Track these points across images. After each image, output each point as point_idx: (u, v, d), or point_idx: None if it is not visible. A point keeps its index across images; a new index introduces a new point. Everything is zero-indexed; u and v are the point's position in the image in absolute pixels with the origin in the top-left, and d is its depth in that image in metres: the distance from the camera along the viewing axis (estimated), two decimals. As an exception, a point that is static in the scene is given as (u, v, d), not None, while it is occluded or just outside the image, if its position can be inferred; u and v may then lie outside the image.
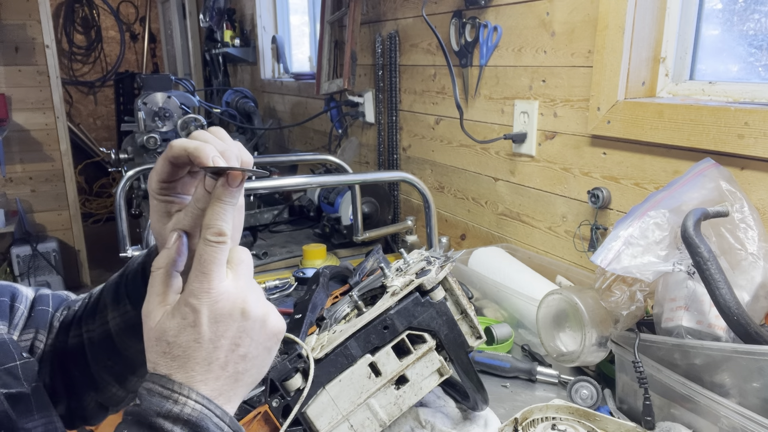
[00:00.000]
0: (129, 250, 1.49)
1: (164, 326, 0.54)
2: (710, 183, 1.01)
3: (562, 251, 1.53)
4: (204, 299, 0.53)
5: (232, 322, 0.54)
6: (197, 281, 0.53)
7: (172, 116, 2.69)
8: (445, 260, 0.92)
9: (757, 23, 1.20)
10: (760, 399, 0.83)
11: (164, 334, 0.53)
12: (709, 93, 1.23)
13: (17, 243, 4.24)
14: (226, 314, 0.54)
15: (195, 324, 0.53)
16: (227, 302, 0.54)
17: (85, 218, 5.86)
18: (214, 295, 0.53)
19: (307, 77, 3.15)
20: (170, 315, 0.54)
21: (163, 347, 0.54)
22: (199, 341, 0.53)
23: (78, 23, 6.58)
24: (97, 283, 4.46)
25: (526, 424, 0.95)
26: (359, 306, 0.90)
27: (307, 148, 3.19)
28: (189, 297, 0.53)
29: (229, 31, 3.98)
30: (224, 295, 0.54)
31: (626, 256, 0.97)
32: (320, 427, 0.81)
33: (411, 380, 0.85)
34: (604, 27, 1.29)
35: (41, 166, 4.33)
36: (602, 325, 1.07)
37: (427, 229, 1.59)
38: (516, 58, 1.60)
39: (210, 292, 0.53)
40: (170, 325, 0.54)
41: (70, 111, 6.46)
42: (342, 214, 2.08)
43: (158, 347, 0.54)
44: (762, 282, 0.94)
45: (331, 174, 2.11)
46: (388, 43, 2.15)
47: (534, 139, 1.57)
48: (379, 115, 2.30)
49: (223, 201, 0.55)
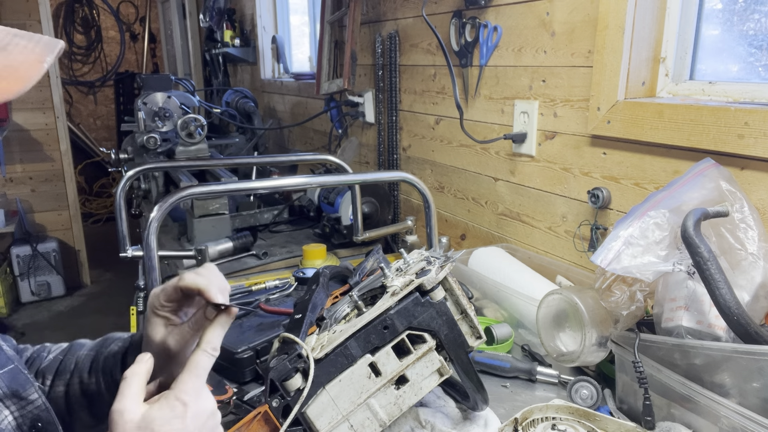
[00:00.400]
0: (129, 250, 1.49)
1: (152, 416, 0.63)
2: (710, 183, 1.01)
3: (562, 251, 1.53)
4: (193, 397, 0.64)
5: (206, 418, 0.66)
6: (191, 382, 0.65)
7: (172, 116, 2.69)
8: (445, 260, 0.92)
9: (757, 23, 1.20)
10: (760, 399, 0.83)
11: (151, 423, 0.62)
12: (709, 93, 1.23)
13: (17, 243, 4.24)
14: (204, 412, 0.66)
15: (182, 416, 0.63)
16: (207, 402, 0.66)
17: (85, 218, 5.86)
18: (202, 395, 0.66)
19: (307, 77, 3.15)
20: (158, 407, 0.63)
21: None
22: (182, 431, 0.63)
23: (78, 23, 6.58)
24: (97, 283, 4.42)
25: (526, 424, 0.95)
26: (359, 306, 0.90)
27: (307, 148, 3.19)
28: (181, 394, 0.64)
29: (229, 31, 3.98)
30: (205, 396, 0.66)
31: (626, 256, 0.97)
32: (320, 427, 0.81)
33: (411, 380, 0.85)
34: (604, 27, 1.29)
35: (41, 166, 4.33)
36: (602, 325, 1.07)
37: (427, 229, 1.59)
38: (516, 58, 1.60)
39: (200, 392, 0.66)
40: (158, 415, 0.63)
41: (70, 111, 6.46)
42: (342, 214, 2.08)
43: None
44: (762, 282, 0.94)
45: (331, 174, 2.11)
46: (388, 43, 2.15)
47: (534, 139, 1.57)
48: (379, 115, 2.30)
49: (222, 326, 0.70)
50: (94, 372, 0.83)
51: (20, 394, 0.69)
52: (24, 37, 0.61)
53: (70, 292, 4.48)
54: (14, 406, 0.69)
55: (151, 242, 1.25)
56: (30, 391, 0.70)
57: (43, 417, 0.71)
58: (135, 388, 0.66)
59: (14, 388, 0.69)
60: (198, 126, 2.46)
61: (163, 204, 1.25)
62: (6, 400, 0.68)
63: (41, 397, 0.71)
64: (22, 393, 0.69)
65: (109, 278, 4.80)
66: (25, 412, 0.69)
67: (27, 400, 0.70)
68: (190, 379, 0.65)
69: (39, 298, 4.35)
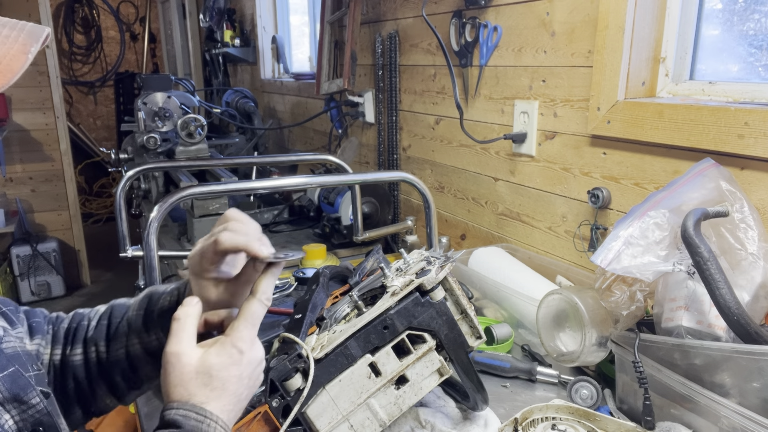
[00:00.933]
0: (129, 250, 1.49)
1: (210, 362, 0.64)
2: (710, 183, 1.01)
3: (562, 251, 1.53)
4: (249, 344, 0.67)
5: (257, 365, 0.68)
6: (246, 330, 0.67)
7: (172, 116, 2.69)
8: (445, 260, 0.92)
9: (757, 23, 1.20)
10: (760, 399, 0.83)
11: (210, 368, 0.64)
12: (709, 93, 1.23)
13: (17, 243, 4.24)
14: (256, 359, 0.68)
15: (239, 363, 0.65)
16: (259, 350, 0.69)
17: (85, 218, 5.86)
18: (256, 343, 0.68)
19: (307, 77, 3.15)
20: (216, 353, 0.65)
21: (203, 379, 0.64)
22: (239, 378, 0.65)
23: (78, 23, 6.58)
24: (97, 283, 4.42)
25: (526, 424, 0.95)
26: (359, 306, 0.90)
27: (307, 148, 3.19)
28: (238, 341, 0.66)
29: (229, 31, 3.98)
30: (258, 344, 0.69)
31: (626, 256, 0.97)
32: (320, 427, 0.81)
33: (411, 380, 0.85)
34: (604, 27, 1.29)
35: (41, 166, 4.33)
36: (602, 325, 1.07)
37: (427, 229, 1.59)
38: (516, 58, 1.60)
39: (254, 340, 0.68)
40: (216, 361, 0.65)
41: (70, 111, 6.46)
42: (342, 214, 2.08)
43: (198, 380, 0.64)
44: (762, 282, 0.94)
45: (331, 174, 2.11)
46: (388, 43, 2.15)
47: (534, 139, 1.57)
48: (379, 115, 2.30)
49: (273, 276, 0.71)
50: (153, 330, 0.82)
51: (21, 398, 0.68)
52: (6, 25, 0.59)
53: (70, 292, 4.48)
54: (15, 410, 0.67)
55: (151, 242, 1.24)
56: (31, 395, 0.69)
57: (44, 421, 0.69)
58: (190, 330, 0.67)
59: (15, 391, 0.67)
60: (198, 126, 2.46)
61: (163, 204, 1.25)
62: (6, 404, 0.66)
63: (42, 401, 0.69)
64: (23, 397, 0.68)
65: (109, 278, 4.80)
66: (26, 416, 0.68)
67: (28, 404, 0.68)
68: (246, 327, 0.67)
69: (39, 298, 4.34)
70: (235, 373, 0.65)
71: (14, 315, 0.82)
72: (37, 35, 0.60)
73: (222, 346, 0.66)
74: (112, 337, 0.84)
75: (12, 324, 0.79)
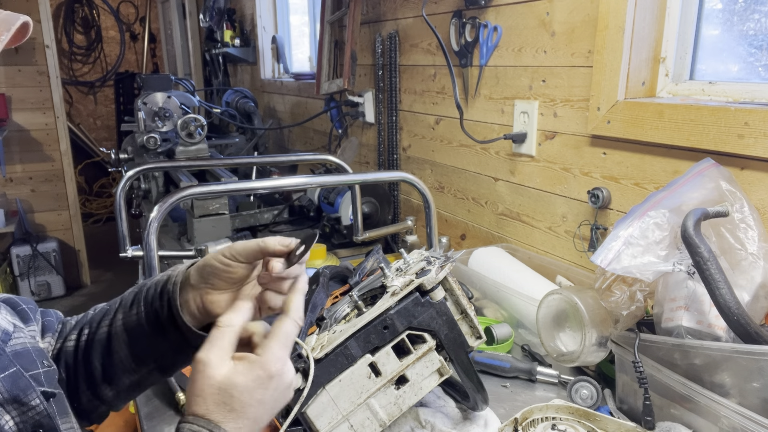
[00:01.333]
0: (129, 250, 1.49)
1: (234, 381, 0.61)
2: (710, 183, 1.01)
3: (562, 251, 1.53)
4: (279, 368, 0.63)
5: (284, 389, 0.65)
6: (280, 352, 0.63)
7: (172, 116, 2.69)
8: (445, 260, 0.92)
9: (757, 23, 1.20)
10: (760, 399, 0.83)
11: (232, 388, 0.61)
12: (709, 93, 1.23)
13: (17, 243, 4.24)
14: (285, 382, 0.64)
15: (265, 387, 0.62)
16: (289, 374, 0.65)
17: (85, 218, 5.86)
18: (287, 367, 0.64)
19: (307, 77, 3.15)
20: (242, 373, 0.61)
21: (224, 398, 0.61)
22: (262, 402, 0.62)
23: (78, 23, 6.57)
24: (97, 283, 4.43)
25: (526, 424, 0.95)
26: (359, 306, 0.90)
27: (307, 148, 3.19)
28: (268, 364, 0.62)
29: (229, 31, 3.98)
30: (289, 366, 0.65)
31: (626, 256, 0.97)
32: (320, 427, 0.81)
33: (411, 380, 0.85)
34: (604, 27, 1.29)
35: (41, 166, 4.32)
36: (602, 325, 1.07)
37: (427, 229, 1.59)
38: (516, 58, 1.60)
39: (286, 363, 0.64)
40: (242, 381, 0.61)
41: (70, 111, 6.45)
42: (342, 214, 2.08)
43: (219, 396, 0.61)
44: (762, 282, 0.94)
45: (331, 174, 2.11)
46: (388, 43, 2.15)
47: (534, 139, 1.57)
48: (379, 115, 2.30)
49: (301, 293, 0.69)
50: (135, 303, 0.79)
51: (21, 399, 0.67)
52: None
53: (70, 292, 4.47)
54: (15, 411, 0.66)
55: (151, 242, 1.25)
56: (31, 396, 0.68)
57: (44, 423, 0.68)
58: (227, 342, 0.63)
59: (15, 393, 0.66)
60: (198, 126, 2.46)
61: (163, 204, 1.25)
62: (6, 405, 0.66)
63: (43, 403, 0.68)
64: (23, 398, 0.67)
65: (109, 278, 4.80)
66: (26, 417, 0.67)
67: (28, 406, 0.67)
68: (279, 349, 0.63)
69: (39, 298, 4.34)
70: (259, 397, 0.62)
71: (32, 313, 0.82)
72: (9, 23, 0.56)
73: (251, 367, 0.62)
74: (105, 314, 0.83)
75: (26, 321, 0.79)
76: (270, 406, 0.63)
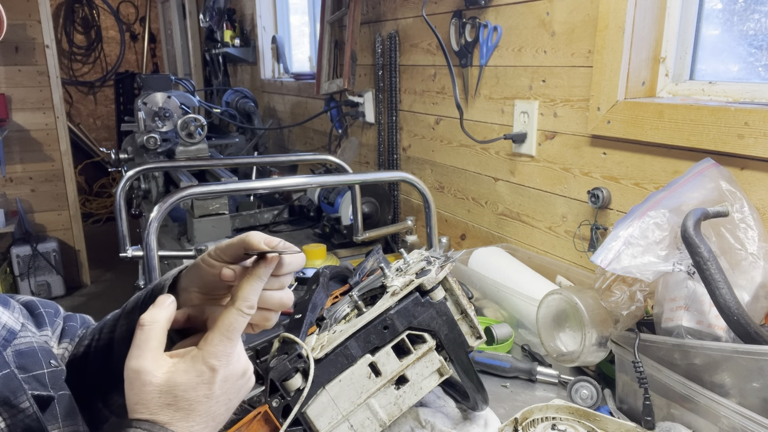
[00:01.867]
0: (129, 250, 1.49)
1: (176, 380, 0.58)
2: (710, 183, 1.01)
3: (562, 251, 1.53)
4: (224, 361, 0.59)
5: (235, 380, 0.61)
6: (221, 344, 0.59)
7: (172, 116, 2.69)
8: (445, 260, 0.92)
9: (757, 23, 1.20)
10: (760, 399, 0.83)
11: (175, 388, 0.58)
12: (709, 93, 1.23)
13: (17, 243, 4.24)
14: (235, 375, 0.61)
15: (210, 382, 0.59)
16: (238, 364, 0.61)
17: (85, 218, 5.86)
18: (232, 358, 0.60)
19: (307, 77, 3.15)
20: (184, 371, 0.58)
21: (168, 399, 0.58)
22: (209, 397, 0.59)
23: (78, 23, 6.58)
24: (97, 283, 4.43)
25: (526, 424, 0.95)
26: (359, 306, 0.90)
27: (307, 148, 3.19)
28: (210, 358, 0.59)
29: (229, 31, 3.98)
30: (236, 357, 0.61)
31: (626, 256, 0.97)
32: (320, 427, 0.81)
33: (411, 380, 0.85)
34: (604, 27, 1.29)
35: (41, 166, 4.33)
36: (602, 325, 1.07)
37: (427, 229, 1.59)
38: (516, 58, 1.60)
39: (230, 355, 0.60)
40: (184, 380, 0.58)
41: (70, 111, 6.46)
42: (342, 214, 2.08)
43: (162, 399, 0.58)
44: (762, 282, 0.94)
45: (331, 174, 2.11)
46: (388, 43, 2.15)
47: (534, 139, 1.57)
48: (379, 115, 2.30)
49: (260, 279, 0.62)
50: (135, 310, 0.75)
51: (11, 401, 0.65)
52: None
53: (70, 292, 4.47)
54: (6, 413, 0.65)
55: (151, 242, 1.25)
56: (21, 398, 0.66)
57: (33, 427, 0.67)
58: (154, 341, 0.60)
59: (5, 394, 0.65)
60: (198, 126, 2.46)
61: (163, 204, 1.25)
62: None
63: (32, 406, 0.67)
64: (12, 400, 0.65)
65: (109, 278, 4.80)
66: (16, 420, 0.65)
67: (17, 408, 0.66)
68: (220, 342, 0.59)
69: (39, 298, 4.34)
70: (205, 392, 0.58)
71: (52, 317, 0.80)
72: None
73: (192, 363, 0.59)
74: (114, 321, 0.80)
75: (40, 326, 0.78)
76: (224, 400, 0.60)
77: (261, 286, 0.62)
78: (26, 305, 0.79)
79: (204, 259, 0.69)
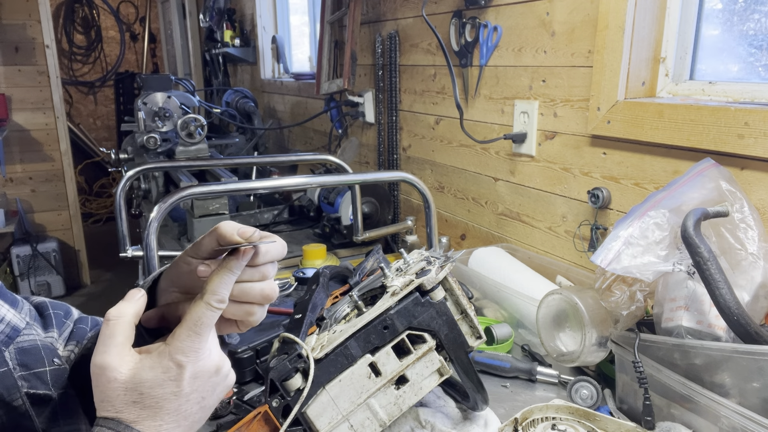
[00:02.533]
0: (129, 250, 1.49)
1: (141, 377, 0.56)
2: (710, 183, 1.01)
3: (562, 251, 1.53)
4: (192, 357, 0.57)
5: (208, 378, 0.59)
6: (188, 340, 0.57)
7: (172, 116, 2.69)
8: (445, 260, 0.92)
9: (757, 23, 1.20)
10: (760, 399, 0.83)
11: (139, 385, 0.56)
12: (709, 93, 1.23)
13: (17, 243, 4.24)
14: (205, 371, 0.58)
15: (177, 379, 0.56)
16: (209, 360, 0.58)
17: (85, 218, 5.86)
18: (202, 354, 0.58)
19: (307, 77, 3.15)
20: (150, 368, 0.56)
21: (133, 397, 0.56)
22: (177, 395, 0.57)
23: (78, 23, 6.58)
24: (97, 283, 4.42)
25: (526, 424, 0.95)
26: (359, 306, 0.90)
27: (307, 148, 3.19)
28: (176, 353, 0.56)
29: (229, 31, 3.98)
30: (206, 353, 0.58)
31: (626, 256, 0.97)
32: (320, 427, 0.81)
33: (411, 380, 0.85)
34: (604, 27, 1.29)
35: (41, 166, 4.33)
36: (602, 325, 1.07)
37: (427, 229, 1.59)
38: (516, 58, 1.60)
39: (199, 351, 0.57)
40: (148, 376, 0.56)
41: (70, 111, 6.46)
42: (342, 214, 2.08)
43: (127, 396, 0.56)
44: (762, 282, 0.94)
45: (331, 174, 2.11)
46: (388, 43, 2.15)
47: (534, 139, 1.57)
48: (379, 115, 2.30)
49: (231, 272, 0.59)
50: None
51: (4, 398, 0.65)
52: None
53: (70, 292, 4.47)
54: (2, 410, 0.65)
55: (151, 242, 1.25)
56: (15, 396, 0.66)
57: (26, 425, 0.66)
58: (120, 336, 0.57)
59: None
60: (198, 126, 2.46)
61: (163, 204, 1.25)
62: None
63: (25, 404, 0.66)
64: (6, 397, 0.65)
65: (109, 278, 4.80)
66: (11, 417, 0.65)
67: (11, 406, 0.65)
68: (188, 337, 0.57)
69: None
70: (172, 389, 0.56)
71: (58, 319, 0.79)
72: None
73: (159, 358, 0.57)
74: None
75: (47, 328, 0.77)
76: (195, 399, 0.58)
77: (232, 278, 0.60)
78: (37, 307, 0.79)
79: (182, 258, 0.67)
